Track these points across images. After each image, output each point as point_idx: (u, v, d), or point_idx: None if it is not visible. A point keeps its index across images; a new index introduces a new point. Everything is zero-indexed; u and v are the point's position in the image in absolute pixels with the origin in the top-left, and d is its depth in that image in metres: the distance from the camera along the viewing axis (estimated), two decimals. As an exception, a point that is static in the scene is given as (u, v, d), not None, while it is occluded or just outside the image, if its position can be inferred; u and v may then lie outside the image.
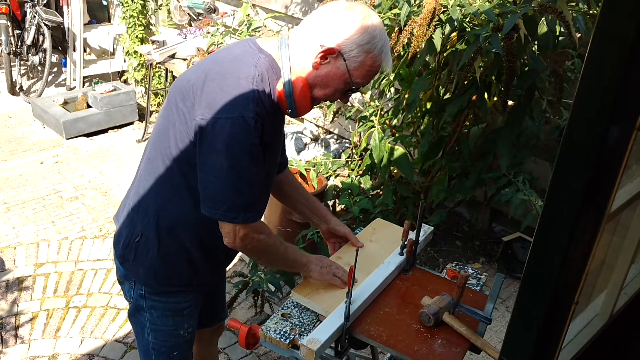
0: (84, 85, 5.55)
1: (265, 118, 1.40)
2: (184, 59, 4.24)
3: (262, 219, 1.54)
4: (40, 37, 5.41)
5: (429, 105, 2.91)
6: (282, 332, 1.53)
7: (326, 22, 1.44)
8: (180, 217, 1.52)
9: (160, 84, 5.16)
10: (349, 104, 3.73)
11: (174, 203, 1.51)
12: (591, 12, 2.35)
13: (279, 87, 1.45)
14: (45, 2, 5.49)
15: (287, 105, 1.46)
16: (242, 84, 1.38)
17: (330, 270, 1.65)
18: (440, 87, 2.84)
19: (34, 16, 5.35)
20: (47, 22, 5.24)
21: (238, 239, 1.45)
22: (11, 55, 5.44)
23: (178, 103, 1.45)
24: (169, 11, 5.21)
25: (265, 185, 1.55)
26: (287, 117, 1.61)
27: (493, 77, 2.56)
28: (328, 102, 3.26)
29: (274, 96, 1.45)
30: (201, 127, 1.38)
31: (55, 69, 5.88)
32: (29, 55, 5.56)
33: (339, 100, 1.56)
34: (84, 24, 5.47)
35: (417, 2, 2.48)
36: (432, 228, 1.99)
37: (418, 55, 2.47)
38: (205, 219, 1.47)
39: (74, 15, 5.34)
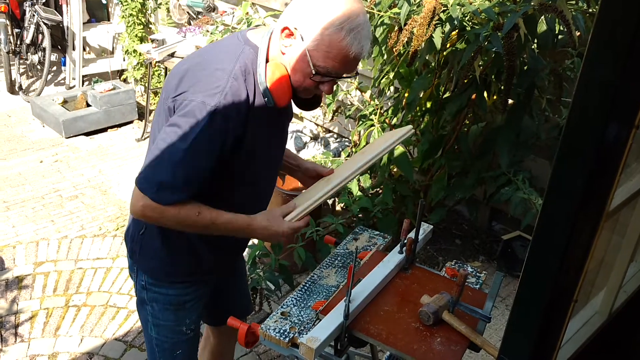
0: (83, 84, 5.54)
1: (235, 114, 1.36)
2: (183, 58, 4.24)
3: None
4: (40, 36, 5.40)
5: (428, 104, 2.91)
6: (281, 331, 1.53)
7: (295, 4, 1.39)
8: None
9: (159, 82, 5.15)
10: (348, 102, 3.73)
11: None
12: (590, 10, 2.35)
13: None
14: (44, 0, 5.48)
15: (263, 94, 1.41)
16: (218, 75, 1.36)
17: (279, 231, 1.51)
18: (440, 86, 2.84)
19: (33, 15, 5.34)
20: (46, 21, 5.23)
21: (139, 207, 1.39)
22: (10, 54, 5.43)
23: (165, 100, 1.45)
24: (168, 10, 5.20)
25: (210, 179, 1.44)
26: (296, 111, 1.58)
27: (493, 76, 2.56)
28: (327, 101, 3.26)
29: (258, 89, 1.41)
30: (169, 108, 1.40)
31: (54, 68, 5.88)
32: (28, 54, 5.55)
33: (324, 93, 1.48)
34: (83, 23, 5.47)
35: (417, 1, 2.47)
36: (432, 227, 2.00)
37: (418, 54, 2.47)
38: None
39: (73, 14, 5.34)
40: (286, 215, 1.53)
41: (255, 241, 2.55)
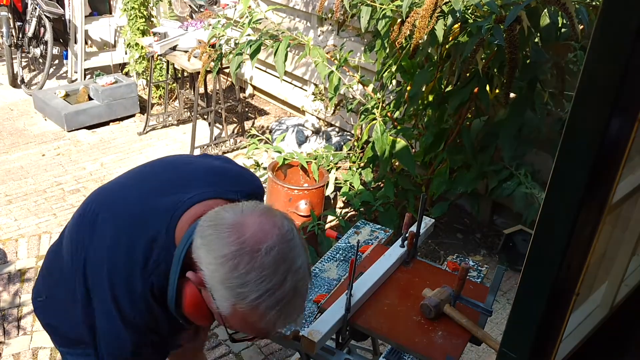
0: (85, 77, 5.54)
1: None
2: (185, 51, 4.23)
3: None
4: (42, 29, 5.40)
5: (430, 98, 2.90)
6: (283, 324, 1.53)
7: (210, 237, 1.03)
8: None
9: (161, 76, 5.15)
10: (350, 96, 3.72)
11: None
12: (594, 3, 2.34)
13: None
14: (46, -7, 5.47)
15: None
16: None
17: None
18: (443, 79, 2.83)
19: (35, 8, 5.34)
20: (48, 14, 5.23)
21: None
22: (12, 48, 5.43)
23: None
24: (170, 3, 5.19)
25: None
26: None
27: (495, 70, 2.55)
28: (330, 95, 3.25)
29: None
30: None
31: (56, 61, 5.88)
32: (30, 47, 5.55)
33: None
34: (85, 16, 5.46)
35: (419, -6, 2.47)
36: (433, 220, 2.00)
37: (420, 48, 2.47)
38: None
39: (75, 7, 5.33)
40: None
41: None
